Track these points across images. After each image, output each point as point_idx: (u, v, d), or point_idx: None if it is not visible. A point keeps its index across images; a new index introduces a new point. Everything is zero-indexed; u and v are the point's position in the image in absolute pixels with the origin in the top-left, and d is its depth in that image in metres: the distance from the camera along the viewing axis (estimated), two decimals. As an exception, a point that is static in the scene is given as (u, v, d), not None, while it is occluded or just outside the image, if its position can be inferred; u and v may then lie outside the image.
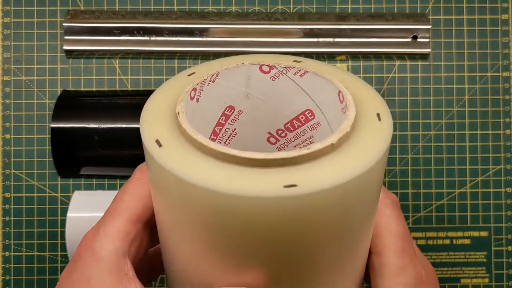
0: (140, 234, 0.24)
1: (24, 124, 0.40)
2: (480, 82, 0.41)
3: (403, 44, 0.40)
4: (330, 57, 0.41)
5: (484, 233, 0.40)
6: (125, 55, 0.40)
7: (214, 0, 0.41)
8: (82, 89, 0.41)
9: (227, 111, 0.25)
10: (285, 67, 0.24)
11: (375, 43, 0.40)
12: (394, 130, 0.40)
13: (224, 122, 0.26)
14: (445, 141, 0.40)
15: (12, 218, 0.40)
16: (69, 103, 0.39)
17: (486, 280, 0.40)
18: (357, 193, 0.21)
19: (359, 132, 0.21)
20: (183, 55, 0.40)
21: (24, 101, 0.40)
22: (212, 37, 0.40)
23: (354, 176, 0.19)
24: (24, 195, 0.40)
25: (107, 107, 0.39)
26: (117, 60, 0.41)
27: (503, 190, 0.40)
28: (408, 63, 0.41)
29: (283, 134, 0.27)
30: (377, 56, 0.41)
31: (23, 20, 0.41)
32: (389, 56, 0.41)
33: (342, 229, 0.22)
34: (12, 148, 0.40)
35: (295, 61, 0.25)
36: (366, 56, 0.41)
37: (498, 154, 0.41)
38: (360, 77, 0.41)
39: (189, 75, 0.24)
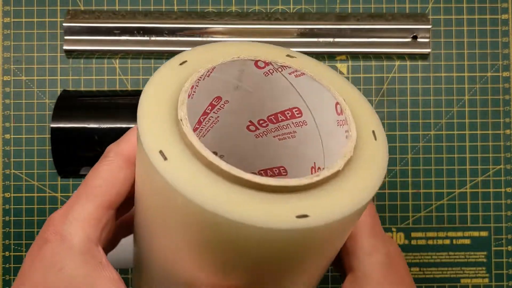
0: (111, 221, 0.23)
1: (24, 124, 0.40)
2: (480, 82, 0.41)
3: (403, 44, 0.40)
4: (330, 57, 0.41)
5: (484, 233, 0.40)
6: (125, 55, 0.40)
7: (214, 0, 0.41)
8: (82, 89, 0.41)
9: (215, 101, 0.25)
10: (281, 65, 0.23)
11: (375, 43, 0.40)
12: (394, 130, 0.40)
13: (209, 112, 0.25)
14: (445, 141, 0.40)
15: (12, 218, 0.40)
16: (69, 103, 0.39)
17: (486, 280, 0.40)
18: (356, 218, 0.21)
19: (358, 153, 0.21)
20: (183, 55, 0.40)
21: (24, 101, 0.40)
22: (212, 37, 0.40)
23: (360, 206, 0.20)
24: (24, 195, 0.40)
25: (107, 107, 0.39)
26: (117, 60, 0.41)
27: (503, 190, 0.40)
28: (408, 63, 0.41)
29: (264, 124, 0.26)
30: (377, 56, 0.41)
31: (23, 20, 0.41)
32: (389, 56, 0.41)
33: (333, 248, 0.22)
34: (12, 148, 0.40)
35: (288, 55, 0.24)
36: (366, 56, 0.41)
37: (498, 154, 0.41)
38: (360, 77, 0.41)
39: (181, 64, 0.23)
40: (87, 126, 0.38)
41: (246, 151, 0.28)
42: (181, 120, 0.20)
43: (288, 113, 0.25)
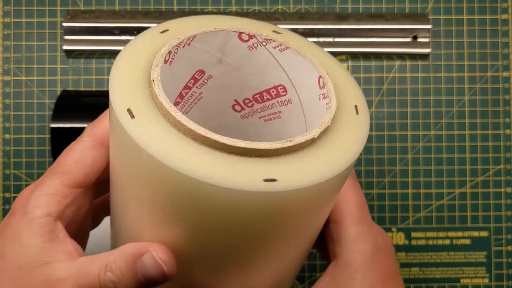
0: (80, 199, 0.24)
1: (24, 124, 0.40)
2: (480, 82, 0.41)
3: (403, 44, 0.40)
4: (330, 57, 0.41)
5: (484, 233, 0.40)
6: (125, 55, 0.40)
7: (214, 0, 0.41)
8: (82, 89, 0.41)
9: (197, 75, 0.24)
10: (265, 39, 0.22)
11: (375, 43, 0.40)
12: (394, 130, 0.41)
13: (192, 86, 0.24)
14: (445, 141, 0.41)
15: (12, 218, 0.40)
16: (69, 103, 0.39)
17: (486, 280, 0.40)
18: (332, 191, 0.21)
19: (337, 125, 0.20)
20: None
21: (24, 101, 0.40)
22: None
23: (333, 175, 0.19)
24: (24, 195, 0.40)
25: (107, 107, 0.39)
26: (117, 60, 0.41)
27: (503, 190, 0.40)
28: (408, 63, 0.41)
29: (249, 104, 0.26)
30: (377, 56, 0.41)
31: (23, 20, 0.41)
32: (389, 56, 0.41)
33: (306, 225, 0.21)
34: (12, 148, 0.40)
35: (274, 31, 0.23)
36: (366, 56, 0.41)
37: (498, 154, 0.41)
38: (360, 77, 0.41)
39: (162, 32, 0.22)
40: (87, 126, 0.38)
41: (232, 133, 0.27)
42: (153, 80, 0.19)
43: (273, 91, 0.24)
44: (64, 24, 0.40)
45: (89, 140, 0.24)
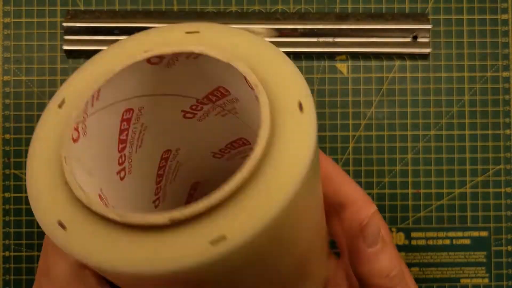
0: None
1: (24, 124, 0.40)
2: (480, 82, 0.41)
3: (403, 44, 0.40)
4: (330, 57, 0.41)
5: (484, 233, 0.40)
6: (125, 55, 0.40)
7: (214, 0, 0.41)
8: (82, 89, 0.40)
9: (126, 115, 0.21)
10: (174, 54, 0.19)
11: (375, 43, 0.40)
12: (394, 130, 0.41)
13: (127, 126, 0.21)
14: (445, 141, 0.41)
15: (12, 218, 0.40)
16: (69, 103, 0.39)
17: (486, 280, 0.40)
18: (295, 214, 0.18)
19: (278, 131, 0.17)
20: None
21: (24, 101, 0.40)
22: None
23: (286, 203, 0.16)
24: (24, 195, 0.40)
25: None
26: (117, 60, 0.41)
27: (502, 190, 0.40)
28: (408, 63, 0.41)
29: (199, 108, 0.23)
30: (377, 56, 0.41)
31: (23, 20, 0.41)
32: (389, 56, 0.41)
33: (299, 231, 0.19)
34: (12, 148, 0.40)
35: (188, 32, 0.20)
36: (366, 56, 0.41)
37: (498, 154, 0.41)
38: (360, 77, 0.41)
39: (59, 106, 0.19)
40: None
41: (196, 140, 0.25)
42: (68, 182, 0.17)
43: (217, 93, 0.22)
44: (64, 24, 0.40)
45: None
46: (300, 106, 0.18)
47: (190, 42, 0.19)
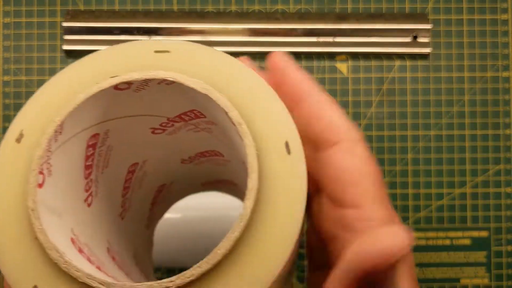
0: None
1: (24, 124, 0.40)
2: (480, 82, 0.41)
3: (403, 44, 0.40)
4: (330, 57, 0.41)
5: (484, 233, 0.40)
6: (125, 55, 0.40)
7: (214, 0, 0.41)
8: (82, 89, 0.40)
9: (91, 141, 0.19)
10: (144, 80, 0.17)
11: (375, 43, 0.40)
12: (394, 130, 0.41)
13: (93, 151, 0.20)
14: (445, 141, 0.41)
15: (12, 218, 0.40)
16: (69, 103, 0.39)
17: (486, 280, 0.40)
18: (286, 268, 0.16)
19: (267, 186, 0.16)
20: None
21: (24, 101, 0.40)
22: (212, 37, 0.40)
23: (283, 262, 0.15)
24: (24, 195, 0.40)
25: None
26: (117, 60, 0.41)
27: (502, 190, 0.40)
28: (408, 63, 0.41)
29: (169, 124, 0.21)
30: (377, 56, 0.41)
31: (23, 20, 0.41)
32: (389, 56, 0.41)
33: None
34: (12, 148, 0.40)
35: (157, 51, 0.18)
36: (366, 56, 0.41)
37: (498, 154, 0.41)
38: (360, 77, 0.41)
39: (17, 141, 0.17)
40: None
41: (164, 151, 0.24)
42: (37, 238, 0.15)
43: (191, 114, 0.20)
44: (64, 24, 0.40)
45: None
46: (287, 147, 0.16)
47: (161, 64, 0.17)
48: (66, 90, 0.17)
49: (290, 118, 0.17)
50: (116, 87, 0.17)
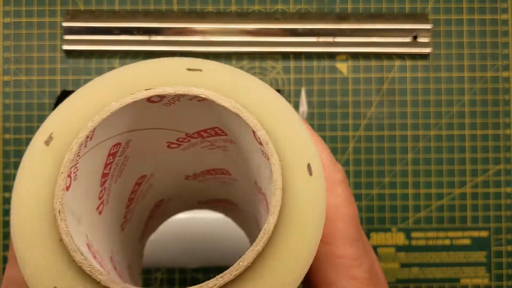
0: None
1: (24, 124, 0.40)
2: (480, 82, 0.41)
3: (403, 44, 0.40)
4: (330, 57, 0.41)
5: (484, 233, 0.40)
6: (125, 55, 0.40)
7: (214, 0, 0.41)
8: (82, 89, 0.40)
9: (113, 149, 0.20)
10: (176, 95, 0.18)
11: (375, 43, 0.40)
12: (394, 130, 0.41)
13: (112, 160, 0.20)
14: (445, 141, 0.41)
15: (12, 218, 0.40)
16: (69, 103, 0.39)
17: (486, 280, 0.40)
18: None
19: (289, 205, 0.16)
20: (183, 55, 0.40)
21: (24, 101, 0.40)
22: (212, 37, 0.40)
23: (301, 278, 0.16)
24: (24, 195, 0.40)
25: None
26: (117, 60, 0.41)
27: (502, 190, 0.40)
28: (408, 63, 0.41)
29: (186, 140, 0.22)
30: (377, 56, 0.41)
31: (23, 20, 0.41)
32: (389, 56, 0.41)
33: None
34: (12, 148, 0.40)
35: (189, 69, 0.18)
36: (366, 56, 0.41)
37: (497, 154, 0.41)
38: (360, 77, 0.41)
39: (46, 143, 0.17)
40: (87, 126, 0.38)
41: (173, 166, 0.24)
42: (62, 240, 0.16)
43: (211, 131, 0.21)
44: (64, 24, 0.40)
45: None
46: (309, 169, 0.17)
47: (192, 81, 0.18)
48: (100, 100, 0.18)
49: (312, 141, 0.18)
50: (149, 99, 0.17)
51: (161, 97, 0.18)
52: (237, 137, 0.19)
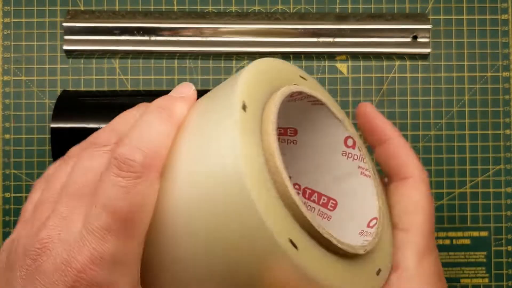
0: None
1: (24, 124, 0.40)
2: (480, 82, 0.41)
3: (403, 44, 0.40)
4: (330, 57, 0.41)
5: (484, 233, 0.40)
6: (125, 55, 0.40)
7: (214, 0, 0.41)
8: (82, 89, 0.41)
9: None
10: (307, 95, 0.22)
11: (375, 43, 0.40)
12: (394, 130, 0.41)
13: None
14: (445, 141, 0.41)
15: (12, 218, 0.40)
16: (69, 103, 0.39)
17: (486, 280, 0.40)
18: None
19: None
20: (183, 55, 0.40)
21: (24, 101, 0.40)
22: (212, 37, 0.40)
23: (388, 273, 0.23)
24: (24, 195, 0.40)
25: (107, 107, 0.39)
26: (117, 60, 0.41)
27: (503, 190, 0.40)
28: (408, 63, 0.41)
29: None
30: (377, 56, 0.41)
31: (23, 20, 0.41)
32: (389, 56, 0.41)
33: None
34: (12, 148, 0.40)
35: (301, 76, 0.23)
36: (366, 56, 0.41)
37: (498, 154, 0.41)
38: (360, 77, 0.41)
39: (243, 109, 0.19)
40: (87, 126, 0.38)
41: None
42: (295, 204, 0.18)
43: (281, 130, 0.25)
44: (64, 24, 0.40)
45: (150, 176, 0.19)
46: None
47: (306, 86, 0.22)
48: (267, 78, 0.21)
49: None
50: (292, 94, 0.21)
51: (300, 93, 0.22)
52: (305, 138, 0.25)
